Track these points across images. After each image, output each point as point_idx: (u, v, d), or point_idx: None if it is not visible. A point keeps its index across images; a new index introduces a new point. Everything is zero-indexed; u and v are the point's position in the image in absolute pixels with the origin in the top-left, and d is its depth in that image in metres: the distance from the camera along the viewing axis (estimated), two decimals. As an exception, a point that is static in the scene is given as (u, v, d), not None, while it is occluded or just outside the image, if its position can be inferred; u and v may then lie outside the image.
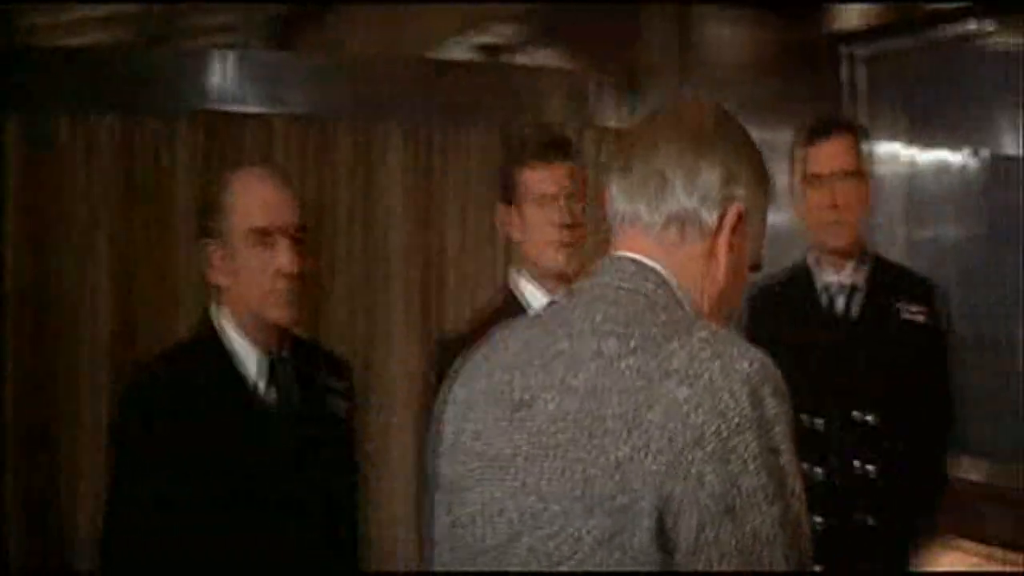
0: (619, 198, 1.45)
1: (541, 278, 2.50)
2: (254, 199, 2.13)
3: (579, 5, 3.96)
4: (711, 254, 1.44)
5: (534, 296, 2.50)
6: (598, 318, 1.38)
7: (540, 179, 2.44)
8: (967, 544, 3.27)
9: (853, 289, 2.76)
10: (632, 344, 1.32)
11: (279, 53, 3.58)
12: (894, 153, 4.00)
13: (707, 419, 1.24)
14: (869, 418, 2.68)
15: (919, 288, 2.82)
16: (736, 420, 1.24)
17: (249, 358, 2.16)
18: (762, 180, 1.46)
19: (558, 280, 2.49)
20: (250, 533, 2.10)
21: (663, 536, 1.24)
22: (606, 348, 1.34)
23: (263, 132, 3.50)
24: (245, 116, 3.50)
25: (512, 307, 2.50)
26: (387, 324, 3.64)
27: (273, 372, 2.18)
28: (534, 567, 1.31)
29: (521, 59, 4.08)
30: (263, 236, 2.11)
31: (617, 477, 1.26)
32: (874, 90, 3.78)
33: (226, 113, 3.49)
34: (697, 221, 1.42)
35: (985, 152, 3.78)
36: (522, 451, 1.36)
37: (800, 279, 2.81)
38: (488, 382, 1.45)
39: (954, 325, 2.82)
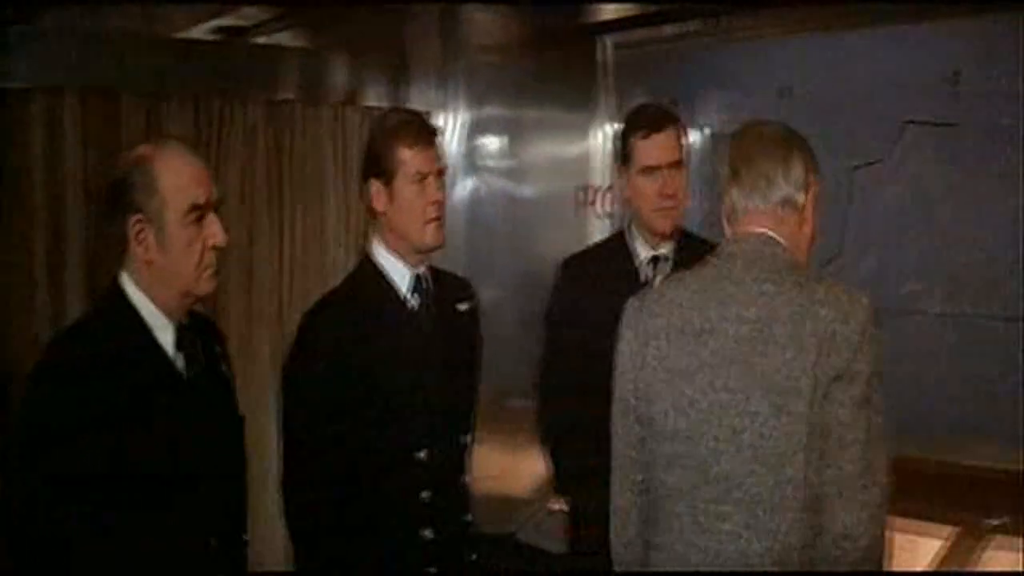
0: (735, 196, 2.09)
1: (405, 252, 2.60)
2: (186, 176, 2.11)
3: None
4: (802, 222, 2.10)
5: (395, 268, 2.60)
6: (755, 270, 2.02)
7: (418, 158, 2.55)
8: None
9: (663, 259, 2.97)
10: (785, 286, 1.99)
11: (58, 28, 3.48)
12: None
13: (838, 327, 1.97)
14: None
15: None
16: (854, 326, 2.00)
17: (165, 329, 2.16)
18: (817, 168, 2.12)
19: (421, 253, 2.61)
20: (173, 501, 2.11)
21: (814, 403, 1.99)
22: (766, 289, 2.00)
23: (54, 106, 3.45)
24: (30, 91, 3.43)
25: (372, 277, 2.62)
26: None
27: (180, 341, 2.18)
28: (722, 438, 2.03)
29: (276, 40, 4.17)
30: (197, 212, 2.11)
31: (784, 371, 2.00)
32: (620, 74, 4.22)
33: (11, 89, 3.40)
34: (793, 201, 2.08)
35: (708, 130, 4.36)
36: (706, 362, 2.01)
37: (617, 250, 3.02)
38: (668, 319, 2.07)
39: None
